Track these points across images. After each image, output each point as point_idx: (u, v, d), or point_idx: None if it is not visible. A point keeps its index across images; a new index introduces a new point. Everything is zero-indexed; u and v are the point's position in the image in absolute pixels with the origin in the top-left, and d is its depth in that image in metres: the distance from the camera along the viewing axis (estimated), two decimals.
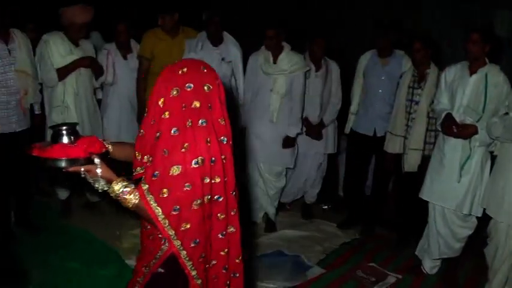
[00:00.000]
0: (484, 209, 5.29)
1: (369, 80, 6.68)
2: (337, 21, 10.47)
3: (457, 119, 5.32)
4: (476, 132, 5.22)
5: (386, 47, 6.61)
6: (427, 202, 5.68)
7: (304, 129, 6.82)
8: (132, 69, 6.84)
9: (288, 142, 6.48)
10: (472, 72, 5.33)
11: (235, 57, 6.46)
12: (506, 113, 5.02)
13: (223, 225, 2.87)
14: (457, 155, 5.37)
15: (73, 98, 6.25)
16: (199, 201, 2.66)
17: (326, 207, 7.63)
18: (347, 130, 6.92)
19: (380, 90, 6.61)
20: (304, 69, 6.41)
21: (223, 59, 6.37)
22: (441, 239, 5.62)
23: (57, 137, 2.89)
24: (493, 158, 5.48)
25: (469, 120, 5.29)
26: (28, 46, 6.04)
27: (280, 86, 6.28)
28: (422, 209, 5.78)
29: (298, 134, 6.59)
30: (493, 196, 5.07)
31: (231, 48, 6.46)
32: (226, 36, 6.47)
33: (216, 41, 6.39)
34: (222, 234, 2.88)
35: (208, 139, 2.65)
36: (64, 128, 2.91)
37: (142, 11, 7.19)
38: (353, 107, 6.84)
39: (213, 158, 2.68)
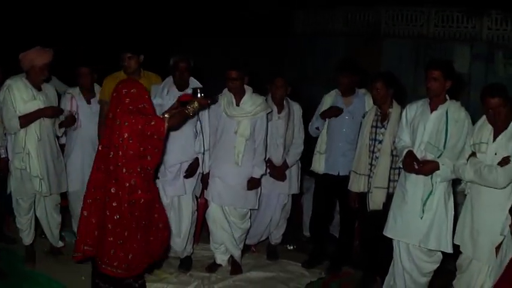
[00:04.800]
0: (455, 245, 5.38)
1: (333, 120, 6.76)
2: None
3: (418, 156, 5.43)
4: (437, 168, 5.32)
5: (348, 86, 6.72)
6: (391, 239, 5.74)
7: (268, 170, 6.86)
8: (95, 113, 6.80)
9: (253, 183, 6.51)
10: (433, 109, 5.44)
11: None
12: (473, 153, 5.10)
13: None
14: (419, 191, 5.45)
15: (35, 144, 6.21)
16: None
17: (291, 247, 7.64)
18: (320, 170, 6.94)
19: (344, 130, 6.71)
20: (267, 111, 6.48)
21: None
22: (407, 274, 5.66)
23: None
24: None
25: (430, 157, 5.40)
26: None
27: (244, 128, 6.32)
28: (387, 245, 5.83)
29: (262, 175, 6.63)
30: (467, 235, 5.15)
31: None
32: (192, 80, 6.44)
33: (182, 86, 6.37)
34: None
35: None
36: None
37: (106, 54, 7.17)
38: (321, 147, 6.92)
39: None
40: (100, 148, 5.26)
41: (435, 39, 12.09)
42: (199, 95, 5.34)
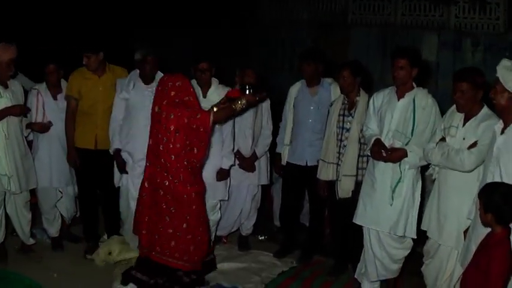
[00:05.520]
0: (419, 230, 5.43)
1: (299, 110, 6.78)
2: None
3: (386, 143, 5.46)
4: (405, 156, 5.36)
5: (312, 75, 6.73)
6: (362, 226, 5.77)
7: (237, 161, 6.86)
8: (62, 109, 6.73)
9: (222, 174, 6.54)
10: (400, 96, 5.48)
11: None
12: (443, 138, 5.11)
13: None
14: (388, 178, 5.48)
15: (3, 143, 6.15)
16: None
17: (262, 237, 7.65)
18: (283, 162, 6.99)
19: (310, 120, 6.72)
20: None
21: None
22: (378, 261, 5.69)
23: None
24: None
25: (398, 144, 5.44)
26: None
27: None
28: (358, 233, 5.86)
29: (231, 166, 6.64)
30: (434, 220, 5.17)
31: None
32: (158, 74, 6.42)
33: (148, 79, 6.37)
34: None
35: None
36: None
37: (70, 50, 7.10)
38: (286, 138, 6.94)
39: None
40: (150, 142, 5.42)
41: (403, 28, 12.13)
42: (247, 92, 5.43)
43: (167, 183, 5.29)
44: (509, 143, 4.24)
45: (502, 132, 4.34)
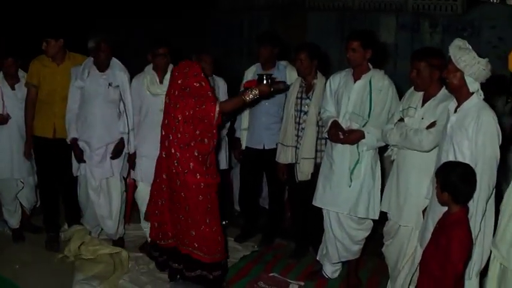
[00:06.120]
0: (381, 211, 5.46)
1: None
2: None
3: (344, 125, 5.49)
4: (363, 137, 5.38)
5: (268, 58, 6.73)
6: (321, 208, 5.78)
7: None
8: (20, 99, 6.70)
9: None
10: (356, 78, 5.50)
11: (122, 81, 6.36)
12: (401, 119, 5.12)
13: None
14: (346, 160, 5.51)
15: None
16: None
17: (224, 222, 7.61)
18: (243, 146, 6.99)
19: (266, 104, 6.70)
20: None
21: (110, 85, 6.28)
22: (339, 243, 5.73)
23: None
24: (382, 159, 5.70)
25: (355, 126, 5.45)
26: None
27: None
28: (318, 215, 5.88)
29: None
30: (394, 201, 5.18)
31: (118, 73, 6.37)
32: (113, 61, 6.39)
33: (103, 66, 6.31)
34: None
35: None
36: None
37: (30, 39, 7.02)
38: (244, 123, 6.94)
39: None
40: (163, 133, 5.44)
41: (360, 11, 12.16)
42: (264, 82, 5.34)
43: (179, 174, 5.28)
44: (462, 121, 4.26)
45: (455, 111, 4.36)
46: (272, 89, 5.45)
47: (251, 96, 5.28)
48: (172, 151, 5.29)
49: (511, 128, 6.06)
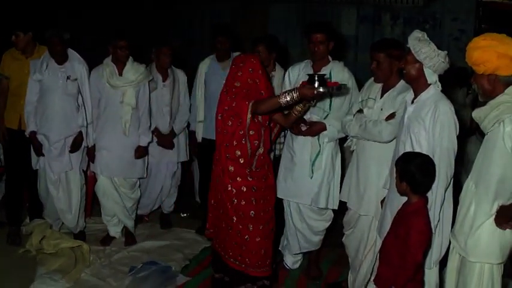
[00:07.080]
0: (340, 201, 5.49)
1: (210, 85, 6.68)
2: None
3: (305, 117, 5.48)
4: (324, 129, 5.41)
5: (223, 50, 6.70)
6: (282, 200, 5.80)
7: (156, 139, 6.82)
8: None
9: (140, 152, 6.47)
10: (316, 70, 5.43)
11: (81, 74, 6.30)
12: (360, 110, 5.15)
13: None
14: (307, 152, 5.54)
15: None
16: None
17: (185, 215, 7.66)
18: (199, 139, 6.90)
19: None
20: (148, 79, 6.45)
21: (68, 78, 6.21)
22: (299, 233, 5.76)
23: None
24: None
25: (315, 118, 5.46)
26: None
27: (130, 97, 6.24)
28: (278, 207, 5.88)
29: (148, 143, 6.59)
30: (354, 191, 5.21)
31: (76, 65, 6.30)
32: (72, 53, 6.33)
33: (61, 59, 6.24)
34: None
35: None
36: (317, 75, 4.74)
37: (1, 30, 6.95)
38: (200, 115, 6.86)
39: None
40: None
41: (321, 3, 12.14)
42: (316, 84, 4.65)
43: (223, 177, 5.06)
44: (419, 112, 4.29)
45: (413, 102, 4.40)
46: (324, 91, 4.74)
47: (288, 98, 4.70)
48: (217, 152, 5.16)
49: (471, 119, 6.12)
